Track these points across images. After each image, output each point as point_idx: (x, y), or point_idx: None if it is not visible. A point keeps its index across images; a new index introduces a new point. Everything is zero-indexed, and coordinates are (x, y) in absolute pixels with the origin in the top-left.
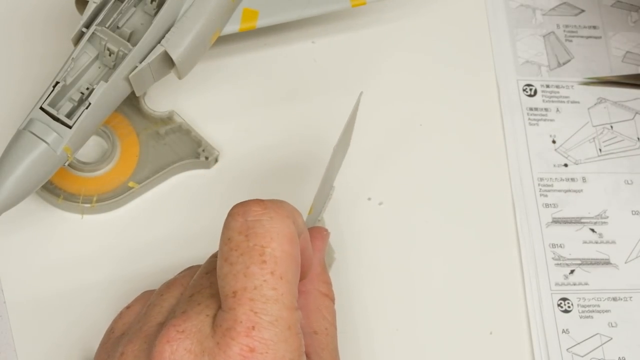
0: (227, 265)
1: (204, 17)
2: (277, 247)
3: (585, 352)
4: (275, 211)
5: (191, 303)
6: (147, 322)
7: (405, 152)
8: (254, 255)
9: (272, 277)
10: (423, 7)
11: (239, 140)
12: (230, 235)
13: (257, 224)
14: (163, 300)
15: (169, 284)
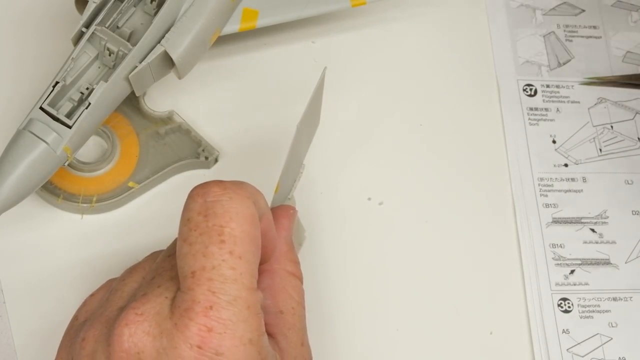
0: (186, 245)
1: (204, 16)
2: (237, 227)
3: (586, 352)
4: (235, 192)
5: (152, 286)
6: (108, 307)
7: (405, 152)
8: (212, 235)
9: (230, 256)
10: (423, 7)
11: (239, 140)
12: (189, 215)
13: (216, 205)
14: (124, 285)
15: (131, 269)
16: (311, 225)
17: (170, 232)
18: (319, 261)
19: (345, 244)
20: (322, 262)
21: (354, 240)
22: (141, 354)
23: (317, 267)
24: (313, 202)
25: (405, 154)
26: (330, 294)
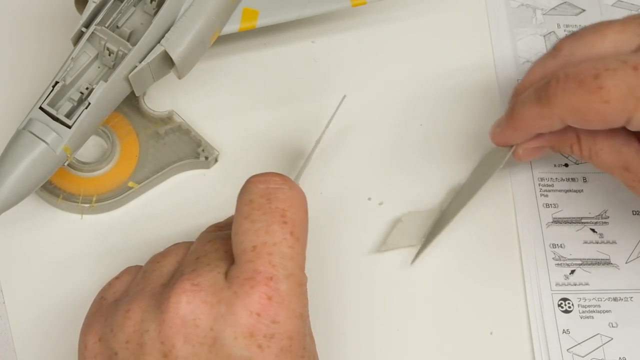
0: (248, 222)
1: (204, 16)
2: (296, 213)
3: (586, 352)
4: (293, 184)
5: (199, 264)
6: (148, 284)
7: (405, 152)
8: (276, 215)
9: (291, 236)
10: (423, 7)
11: (239, 140)
12: (251, 197)
13: (278, 191)
14: (161, 267)
15: (163, 253)
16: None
17: (170, 232)
18: (319, 261)
19: (345, 244)
20: (322, 262)
21: (354, 240)
22: (197, 320)
23: (316, 267)
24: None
25: (405, 154)
26: (329, 295)
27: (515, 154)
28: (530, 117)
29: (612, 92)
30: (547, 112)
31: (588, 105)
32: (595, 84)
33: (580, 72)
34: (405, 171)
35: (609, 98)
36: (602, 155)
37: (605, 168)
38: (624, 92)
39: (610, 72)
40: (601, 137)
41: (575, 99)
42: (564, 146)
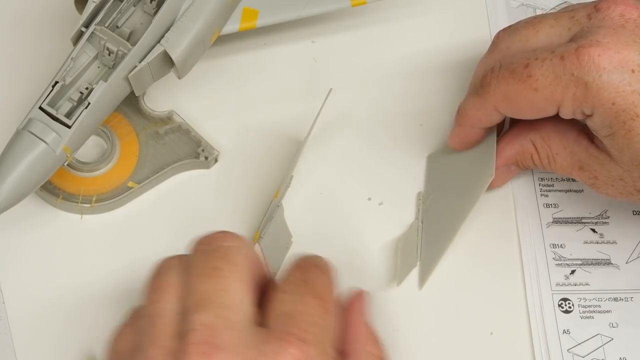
0: (287, 295)
1: (204, 16)
2: (331, 300)
3: (586, 352)
4: (333, 274)
5: (213, 315)
6: (160, 337)
7: (405, 152)
8: (314, 293)
9: (325, 316)
10: (423, 7)
11: (238, 140)
12: (290, 274)
13: (317, 280)
14: (163, 310)
15: (160, 287)
16: (311, 225)
17: (170, 232)
18: None
19: (345, 244)
20: None
21: (354, 241)
22: None
23: None
24: (313, 202)
25: (405, 154)
26: None
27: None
28: (470, 109)
29: (540, 80)
30: (483, 102)
31: (518, 92)
32: (525, 73)
33: (512, 62)
34: (405, 171)
35: (537, 86)
36: (558, 160)
37: (565, 172)
38: (550, 80)
39: (539, 62)
40: (554, 141)
41: (507, 87)
42: (525, 159)
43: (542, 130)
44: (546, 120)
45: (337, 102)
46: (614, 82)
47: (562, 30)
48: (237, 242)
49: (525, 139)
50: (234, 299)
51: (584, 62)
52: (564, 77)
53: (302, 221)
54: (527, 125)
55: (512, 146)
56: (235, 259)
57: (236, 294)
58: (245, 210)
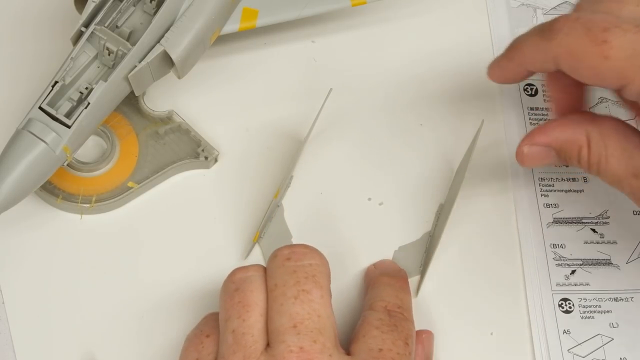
0: (378, 331)
1: (204, 16)
2: (413, 342)
3: (587, 352)
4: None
5: (302, 338)
6: (248, 353)
7: (405, 152)
8: (401, 336)
9: (409, 357)
10: (423, 6)
11: (238, 140)
12: (380, 317)
13: (403, 321)
14: (250, 327)
15: (244, 304)
16: (311, 225)
17: (169, 232)
18: None
19: (345, 244)
20: None
21: (354, 241)
22: None
23: None
24: (313, 202)
25: (405, 154)
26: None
27: (518, 154)
28: (528, 46)
29: (614, 49)
30: (545, 46)
31: (586, 54)
32: (601, 36)
33: (591, 19)
34: (405, 171)
35: (609, 54)
36: (612, 162)
37: (615, 178)
38: (627, 54)
39: (621, 31)
40: (614, 140)
41: (576, 42)
42: (571, 151)
43: (602, 125)
44: (609, 118)
45: (337, 102)
46: None
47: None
48: (319, 260)
49: (580, 129)
50: (326, 325)
51: None
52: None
53: (302, 221)
54: (586, 115)
55: (563, 129)
56: (322, 281)
57: (327, 320)
58: (245, 210)
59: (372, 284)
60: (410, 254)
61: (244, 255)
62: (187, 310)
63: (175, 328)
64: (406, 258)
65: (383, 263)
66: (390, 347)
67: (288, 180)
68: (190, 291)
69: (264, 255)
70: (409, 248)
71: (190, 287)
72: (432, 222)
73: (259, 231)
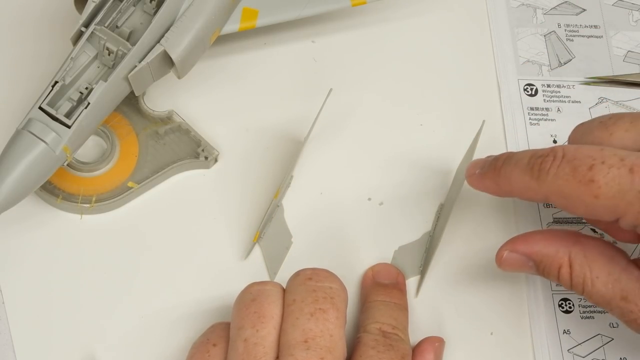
0: (375, 352)
1: (204, 16)
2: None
3: (587, 352)
4: (407, 339)
5: (310, 354)
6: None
7: (405, 152)
8: (398, 355)
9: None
10: (423, 6)
11: (238, 140)
12: (376, 338)
13: (398, 341)
14: (262, 338)
15: (260, 314)
16: (311, 225)
17: (169, 232)
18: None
19: (345, 244)
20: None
21: (354, 241)
22: None
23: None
24: (313, 202)
25: (405, 154)
26: None
27: (498, 257)
28: (517, 182)
29: (602, 188)
30: (535, 186)
31: (577, 195)
32: (588, 176)
33: (576, 157)
34: (405, 171)
35: (599, 194)
36: (597, 285)
37: (601, 300)
38: (614, 191)
39: (605, 168)
40: (599, 263)
41: (565, 184)
42: (550, 268)
43: (587, 247)
44: (594, 240)
45: (337, 102)
46: None
47: (637, 136)
48: (339, 285)
49: (563, 247)
50: (337, 345)
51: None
52: (630, 192)
53: (302, 221)
54: (571, 235)
55: (545, 244)
56: (339, 304)
57: (339, 341)
58: (245, 211)
59: (366, 303)
60: (410, 254)
61: (244, 255)
62: (187, 310)
63: (175, 328)
64: (406, 258)
65: (380, 267)
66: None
67: (288, 180)
68: (190, 291)
69: (264, 255)
70: (409, 248)
71: (190, 287)
72: (432, 222)
73: (259, 231)
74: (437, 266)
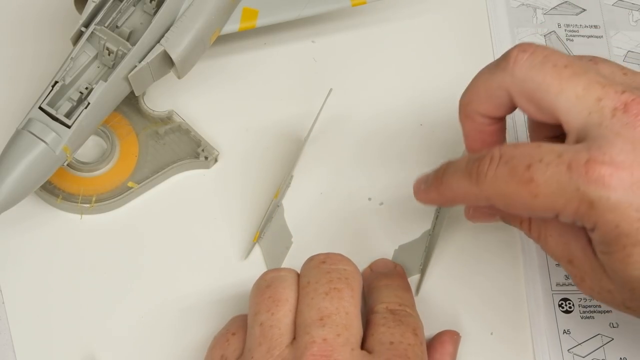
0: (386, 328)
1: (204, 16)
2: (421, 332)
3: (587, 352)
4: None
5: (327, 331)
6: (273, 346)
7: (405, 152)
8: (409, 328)
9: (420, 346)
10: (423, 6)
11: (238, 140)
12: (385, 315)
13: (407, 316)
14: (278, 320)
15: (275, 299)
16: (311, 225)
17: (169, 232)
18: None
19: (345, 244)
20: None
21: (354, 241)
22: None
23: None
24: (313, 202)
25: (405, 154)
26: None
27: (465, 212)
28: (458, 189)
29: (541, 187)
30: (475, 190)
31: (516, 195)
32: (526, 175)
33: (514, 156)
34: (405, 171)
35: (538, 192)
36: (550, 242)
37: (553, 256)
38: (553, 189)
39: (543, 166)
40: (552, 225)
41: (504, 185)
42: (514, 221)
43: None
44: None
45: (337, 102)
46: (622, 206)
47: (583, 109)
48: (353, 267)
49: None
50: (353, 322)
51: (593, 179)
52: (568, 189)
53: (302, 221)
54: None
55: None
56: (353, 284)
57: (355, 318)
58: (245, 210)
59: (370, 289)
60: (410, 253)
61: (244, 255)
62: (187, 310)
63: (175, 328)
64: (406, 257)
65: (377, 262)
66: (400, 339)
67: (288, 180)
68: (190, 291)
69: (264, 255)
70: (409, 247)
71: (190, 287)
72: (431, 221)
73: (259, 231)
74: (436, 266)
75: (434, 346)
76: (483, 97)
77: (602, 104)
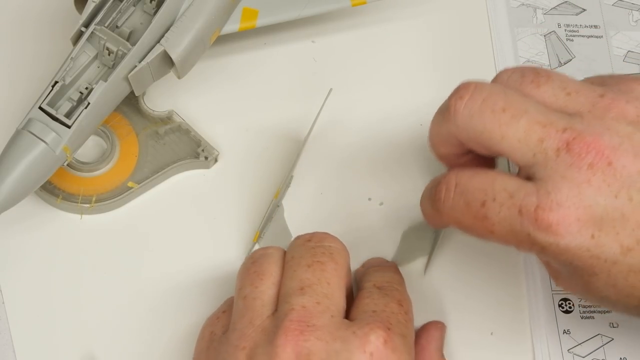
0: (370, 300)
1: (204, 16)
2: (408, 303)
3: (587, 352)
4: (404, 286)
5: (306, 299)
6: (255, 316)
7: (405, 152)
8: (394, 299)
9: (405, 315)
10: (423, 6)
11: (239, 140)
12: (370, 288)
13: (393, 289)
14: (261, 293)
15: (259, 273)
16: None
17: (169, 232)
18: None
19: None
20: None
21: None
22: (311, 356)
23: None
24: (313, 202)
25: (405, 154)
26: None
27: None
28: (425, 211)
29: (496, 226)
30: (438, 217)
31: (473, 228)
32: (481, 212)
33: (468, 189)
34: (405, 171)
35: (493, 230)
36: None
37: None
38: (507, 230)
39: (496, 205)
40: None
41: (462, 217)
42: None
43: None
44: None
45: (337, 102)
46: (572, 249)
47: (527, 152)
48: (339, 244)
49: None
50: (334, 292)
51: (542, 227)
52: (520, 233)
53: (302, 221)
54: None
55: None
56: (338, 259)
57: (337, 289)
58: (245, 210)
59: (360, 277)
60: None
61: (244, 255)
62: (187, 310)
63: (175, 328)
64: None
65: (370, 260)
66: (383, 308)
67: (288, 180)
68: (190, 291)
69: None
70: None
71: (190, 287)
72: None
73: (259, 231)
74: (436, 267)
75: (419, 333)
76: (440, 142)
77: (544, 145)
